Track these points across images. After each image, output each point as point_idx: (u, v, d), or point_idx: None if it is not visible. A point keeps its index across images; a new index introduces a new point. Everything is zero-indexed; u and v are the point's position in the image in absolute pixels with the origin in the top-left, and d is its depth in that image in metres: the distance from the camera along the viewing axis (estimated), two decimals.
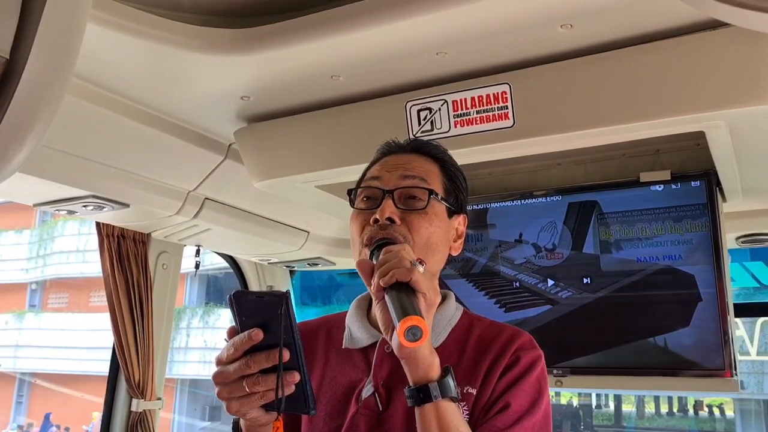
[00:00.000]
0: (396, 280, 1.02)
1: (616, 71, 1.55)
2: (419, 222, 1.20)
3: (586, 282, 2.20)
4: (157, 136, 1.98)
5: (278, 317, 1.01)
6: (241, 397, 1.03)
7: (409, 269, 1.02)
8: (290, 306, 1.01)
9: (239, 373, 1.02)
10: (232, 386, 1.03)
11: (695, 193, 2.09)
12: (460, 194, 1.31)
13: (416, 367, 1.04)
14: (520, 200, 2.35)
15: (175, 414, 17.65)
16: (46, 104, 0.76)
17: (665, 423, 16.31)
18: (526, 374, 1.17)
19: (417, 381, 1.04)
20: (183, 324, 16.75)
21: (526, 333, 1.25)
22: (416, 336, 0.95)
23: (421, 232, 1.19)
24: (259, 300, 1.04)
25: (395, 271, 1.02)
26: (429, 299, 1.03)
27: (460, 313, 1.30)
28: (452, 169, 1.32)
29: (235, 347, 1.03)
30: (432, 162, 1.30)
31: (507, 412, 1.12)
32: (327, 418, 1.21)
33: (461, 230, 1.31)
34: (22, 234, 20.09)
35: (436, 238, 1.22)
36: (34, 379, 19.60)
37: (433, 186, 1.24)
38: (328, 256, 3.15)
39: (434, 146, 1.34)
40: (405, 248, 1.08)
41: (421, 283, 1.02)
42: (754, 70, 1.42)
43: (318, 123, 1.90)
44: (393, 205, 1.20)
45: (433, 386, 1.03)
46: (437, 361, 1.06)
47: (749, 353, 12.35)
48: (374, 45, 1.53)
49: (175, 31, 1.49)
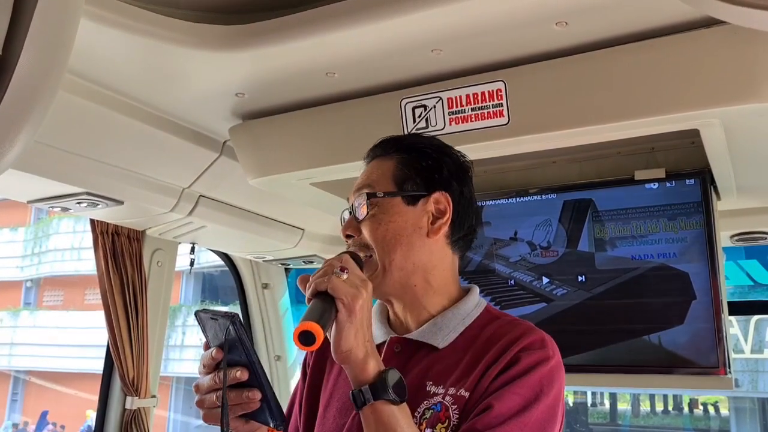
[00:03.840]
0: (317, 290, 1.08)
1: (610, 69, 1.55)
2: (368, 227, 1.25)
3: (581, 280, 2.20)
4: (152, 132, 1.97)
5: (233, 336, 1.06)
6: (212, 409, 1.10)
7: (326, 279, 1.07)
8: (238, 327, 1.05)
9: (209, 387, 1.11)
10: (204, 398, 1.11)
11: (690, 191, 2.09)
12: (424, 174, 1.27)
13: (351, 371, 1.08)
14: (515, 198, 2.35)
15: (171, 412, 17.63)
16: (39, 100, 0.75)
17: (660, 421, 16.35)
18: (524, 375, 1.13)
19: (354, 384, 1.08)
20: (179, 322, 16.72)
21: (540, 332, 1.21)
22: (308, 341, 1.00)
23: (373, 235, 1.25)
24: (214, 320, 1.09)
25: (315, 282, 1.09)
26: (348, 304, 1.06)
27: (480, 311, 1.28)
28: (412, 154, 1.29)
29: (203, 363, 1.12)
30: (387, 158, 1.30)
31: (488, 413, 1.08)
32: (337, 414, 1.25)
33: (442, 207, 1.26)
34: (17, 231, 20.04)
35: (390, 234, 1.24)
36: (29, 377, 19.55)
37: (378, 186, 1.27)
38: (324, 253, 3.14)
39: (393, 141, 1.33)
40: (342, 258, 1.14)
41: (338, 290, 1.06)
42: (749, 69, 1.42)
43: (313, 120, 1.89)
44: (352, 221, 1.28)
45: (365, 389, 1.06)
46: (373, 363, 1.08)
47: (743, 351, 12.38)
48: (369, 42, 1.53)
49: (169, 28, 1.48)
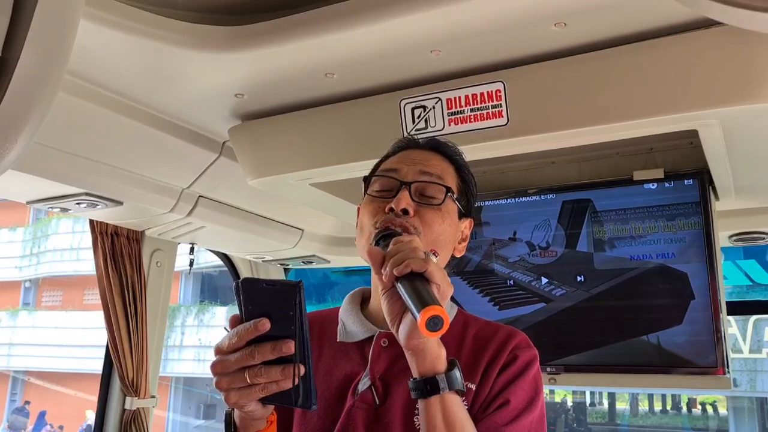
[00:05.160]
0: (411, 270, 0.99)
1: (609, 70, 1.55)
2: (433, 217, 1.20)
3: (579, 280, 2.21)
4: (151, 133, 1.97)
5: (289, 307, 0.97)
6: (241, 389, 1.00)
7: (425, 260, 1.00)
8: (303, 297, 0.97)
9: (241, 363, 0.99)
10: (232, 377, 1.00)
11: (688, 191, 2.10)
12: (471, 198, 1.33)
13: (424, 359, 1.03)
14: (514, 198, 2.35)
15: (170, 412, 17.64)
16: (38, 101, 0.75)
17: (659, 420, 16.38)
18: (524, 372, 1.18)
19: (424, 373, 1.03)
20: (178, 322, 16.72)
21: (521, 332, 1.26)
22: (438, 326, 0.92)
23: (434, 227, 1.20)
24: (269, 289, 0.99)
25: (410, 260, 0.99)
26: (443, 291, 1.00)
27: (455, 312, 1.32)
28: (466, 172, 1.34)
29: (238, 336, 1.00)
30: (448, 162, 1.32)
31: (506, 408, 1.13)
32: (321, 412, 1.20)
33: (466, 234, 1.32)
34: (16, 231, 20.03)
35: (445, 236, 1.23)
36: (28, 378, 19.54)
37: (450, 185, 1.26)
38: (323, 254, 3.14)
39: (451, 147, 1.35)
40: (415, 239, 1.07)
41: (436, 274, 0.99)
42: (747, 69, 1.42)
43: (312, 121, 1.89)
44: (409, 197, 1.20)
45: (441, 378, 1.02)
46: (444, 353, 1.05)
47: (742, 351, 12.40)
48: (368, 43, 1.53)
49: (169, 29, 1.48)
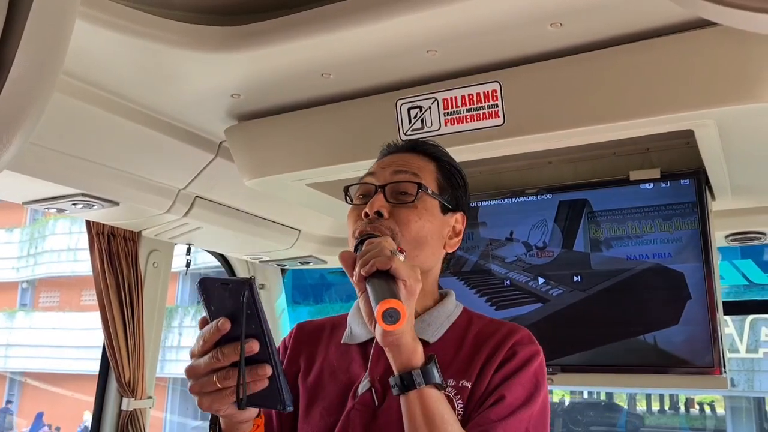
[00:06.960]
0: (376, 269, 1.02)
1: (605, 70, 1.55)
2: (408, 215, 1.21)
3: (576, 280, 2.21)
4: (147, 133, 1.97)
5: (246, 305, 0.95)
6: (211, 393, 0.98)
7: (389, 257, 1.03)
8: (255, 293, 0.95)
9: (210, 366, 0.98)
10: (202, 381, 0.99)
11: (685, 191, 2.10)
12: (456, 192, 1.32)
13: (399, 354, 1.05)
14: (510, 198, 2.35)
15: (167, 413, 17.60)
16: (34, 101, 0.75)
17: (656, 420, 16.37)
18: (523, 368, 1.18)
19: (400, 368, 1.05)
20: (175, 323, 16.69)
21: (525, 329, 1.27)
22: (393, 318, 0.95)
23: (410, 225, 1.20)
24: (224, 287, 0.97)
25: (375, 260, 1.03)
26: (409, 286, 1.03)
27: (460, 311, 1.32)
28: (448, 167, 1.33)
29: (204, 339, 0.98)
30: (428, 160, 1.32)
31: (501, 404, 1.12)
32: (324, 413, 1.21)
33: (458, 228, 1.32)
34: (13, 232, 19.98)
35: (425, 232, 1.23)
36: (25, 379, 19.50)
37: (425, 181, 1.25)
38: (320, 254, 3.14)
39: (431, 145, 1.35)
40: (386, 239, 1.11)
41: (401, 271, 1.02)
42: (742, 69, 1.43)
43: (309, 121, 1.89)
44: (383, 199, 1.21)
45: (416, 373, 1.03)
46: (420, 348, 1.06)
47: (739, 351, 12.41)
48: (365, 43, 1.53)
49: (165, 29, 1.48)
